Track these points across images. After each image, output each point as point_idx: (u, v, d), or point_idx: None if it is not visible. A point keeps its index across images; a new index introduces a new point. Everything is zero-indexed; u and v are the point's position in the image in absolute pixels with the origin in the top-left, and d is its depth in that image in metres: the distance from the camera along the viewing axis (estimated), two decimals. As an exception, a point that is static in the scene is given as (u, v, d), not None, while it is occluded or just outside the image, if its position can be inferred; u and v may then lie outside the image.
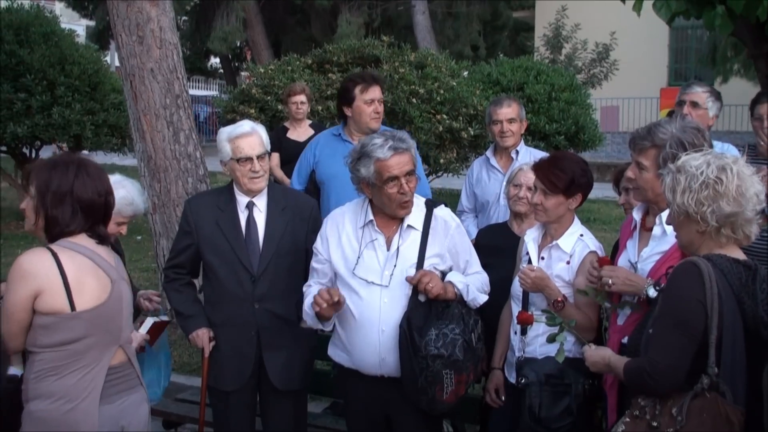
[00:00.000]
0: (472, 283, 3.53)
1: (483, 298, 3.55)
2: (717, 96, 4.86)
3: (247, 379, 3.90)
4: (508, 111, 5.22)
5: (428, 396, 3.33)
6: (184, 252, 4.00)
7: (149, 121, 6.84)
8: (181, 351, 6.76)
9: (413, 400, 3.40)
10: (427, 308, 3.40)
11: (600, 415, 3.69)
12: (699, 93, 4.81)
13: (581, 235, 3.63)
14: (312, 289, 3.57)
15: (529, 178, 4.16)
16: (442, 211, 3.58)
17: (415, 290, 3.40)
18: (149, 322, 3.96)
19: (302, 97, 7.31)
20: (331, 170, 5.00)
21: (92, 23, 30.09)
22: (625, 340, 3.24)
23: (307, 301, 3.59)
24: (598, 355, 3.06)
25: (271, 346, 3.89)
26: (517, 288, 3.68)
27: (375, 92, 4.99)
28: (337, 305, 3.41)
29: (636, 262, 3.31)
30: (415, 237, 3.50)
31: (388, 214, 3.52)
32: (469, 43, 26.20)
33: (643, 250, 3.31)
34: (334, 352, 3.66)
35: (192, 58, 28.25)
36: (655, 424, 2.71)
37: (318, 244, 3.65)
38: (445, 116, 9.60)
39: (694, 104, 4.77)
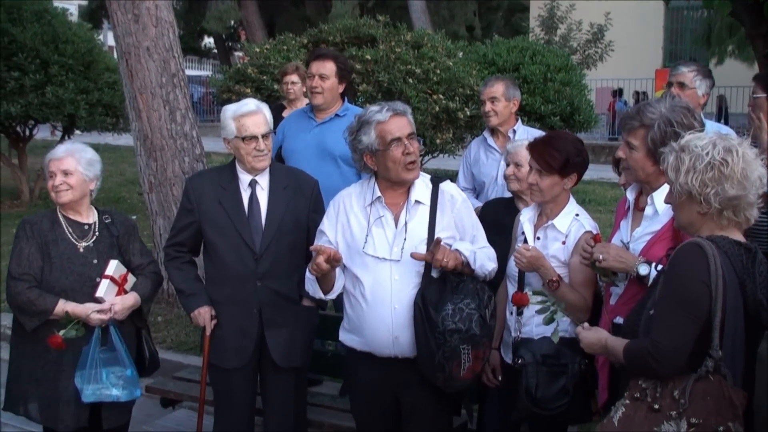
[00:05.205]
0: (479, 253, 3.50)
1: (491, 266, 3.52)
2: (706, 74, 4.75)
3: (249, 356, 3.90)
4: (490, 90, 5.23)
5: (445, 373, 3.32)
6: (186, 230, 3.98)
7: (145, 100, 6.81)
8: (178, 330, 6.78)
9: (429, 377, 3.39)
10: (441, 283, 3.39)
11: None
12: (685, 73, 4.72)
13: (577, 215, 3.62)
14: None
15: (518, 154, 4.17)
16: (448, 186, 3.57)
17: (428, 266, 3.39)
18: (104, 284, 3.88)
19: (294, 77, 7.27)
20: (293, 146, 5.12)
21: (84, 2, 29.93)
22: (617, 320, 3.25)
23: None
24: (594, 336, 3.01)
25: (272, 324, 3.89)
26: (512, 268, 3.68)
27: (313, 67, 5.10)
28: (335, 261, 3.35)
29: (628, 242, 3.32)
30: (423, 212, 3.49)
31: (395, 190, 3.50)
32: (464, 24, 26.20)
33: (635, 229, 3.32)
34: (345, 337, 3.63)
35: (186, 38, 28.14)
36: (656, 406, 2.66)
37: (324, 226, 3.62)
38: (441, 96, 9.56)
39: (682, 85, 4.69)
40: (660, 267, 3.06)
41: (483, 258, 3.49)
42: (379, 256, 3.45)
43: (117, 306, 3.85)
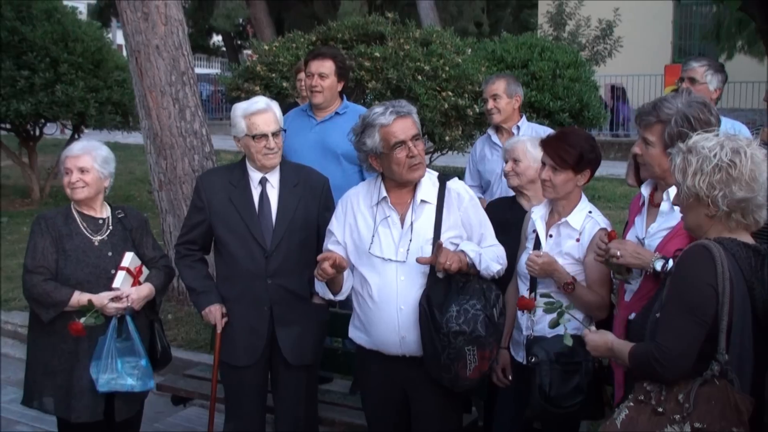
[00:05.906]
0: (485, 253, 3.49)
1: (496, 267, 3.51)
2: (717, 68, 4.77)
3: (260, 354, 3.91)
4: (492, 88, 5.27)
5: (451, 373, 3.32)
6: (197, 228, 4.00)
7: (155, 98, 6.82)
8: (189, 327, 6.79)
9: (436, 377, 3.39)
10: (447, 284, 3.38)
11: (610, 392, 3.68)
12: (696, 68, 4.75)
13: (590, 212, 3.61)
14: None
15: (515, 150, 4.15)
16: (455, 184, 3.56)
17: (433, 266, 3.38)
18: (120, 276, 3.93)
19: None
20: (293, 144, 5.05)
21: (93, 1, 30.02)
22: (632, 316, 3.20)
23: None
24: (600, 339, 2.97)
25: (283, 322, 3.90)
26: (523, 266, 3.66)
27: (312, 66, 5.07)
28: (340, 267, 3.38)
29: (643, 238, 3.29)
30: (429, 212, 3.48)
31: (401, 189, 3.50)
32: (473, 20, 26.13)
33: (650, 225, 3.29)
34: (354, 334, 3.65)
35: (194, 35, 28.17)
36: (660, 410, 2.62)
37: (333, 226, 3.63)
38: (450, 93, 9.53)
39: (692, 80, 4.71)
40: (667, 260, 3.05)
41: (489, 259, 3.48)
42: (385, 257, 3.45)
43: (133, 295, 3.91)
